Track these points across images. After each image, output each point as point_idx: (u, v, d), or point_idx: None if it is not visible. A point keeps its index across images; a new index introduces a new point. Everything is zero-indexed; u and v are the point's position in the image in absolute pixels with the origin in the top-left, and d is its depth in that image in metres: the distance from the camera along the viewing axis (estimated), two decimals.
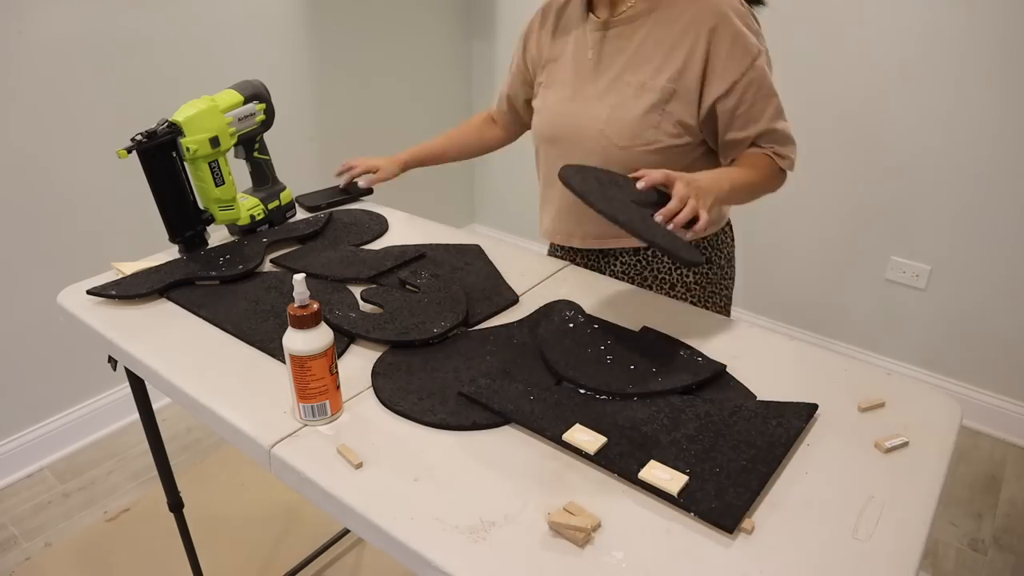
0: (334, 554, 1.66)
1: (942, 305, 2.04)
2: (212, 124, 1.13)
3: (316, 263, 1.15)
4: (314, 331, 0.77)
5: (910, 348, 2.15)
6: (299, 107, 2.25)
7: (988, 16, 1.73)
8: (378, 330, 0.95)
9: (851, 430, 0.80)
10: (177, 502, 1.31)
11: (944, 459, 0.76)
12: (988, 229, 1.89)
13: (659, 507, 0.69)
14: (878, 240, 2.08)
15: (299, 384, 0.78)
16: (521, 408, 0.81)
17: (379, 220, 1.33)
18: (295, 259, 1.17)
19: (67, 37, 1.68)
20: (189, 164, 1.13)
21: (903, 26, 1.84)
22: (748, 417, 0.79)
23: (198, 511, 1.75)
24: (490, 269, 1.15)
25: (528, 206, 2.90)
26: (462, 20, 2.72)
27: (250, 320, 1.00)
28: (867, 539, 0.65)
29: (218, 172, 1.15)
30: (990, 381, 2.03)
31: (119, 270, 1.13)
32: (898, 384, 0.88)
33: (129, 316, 1.02)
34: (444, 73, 2.72)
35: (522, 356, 0.92)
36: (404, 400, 0.83)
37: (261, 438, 0.79)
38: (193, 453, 1.96)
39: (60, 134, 1.73)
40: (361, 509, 0.69)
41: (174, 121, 1.09)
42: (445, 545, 0.65)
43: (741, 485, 0.70)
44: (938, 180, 1.92)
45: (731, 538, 0.66)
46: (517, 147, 1.54)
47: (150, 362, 0.92)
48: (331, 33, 2.27)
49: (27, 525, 1.73)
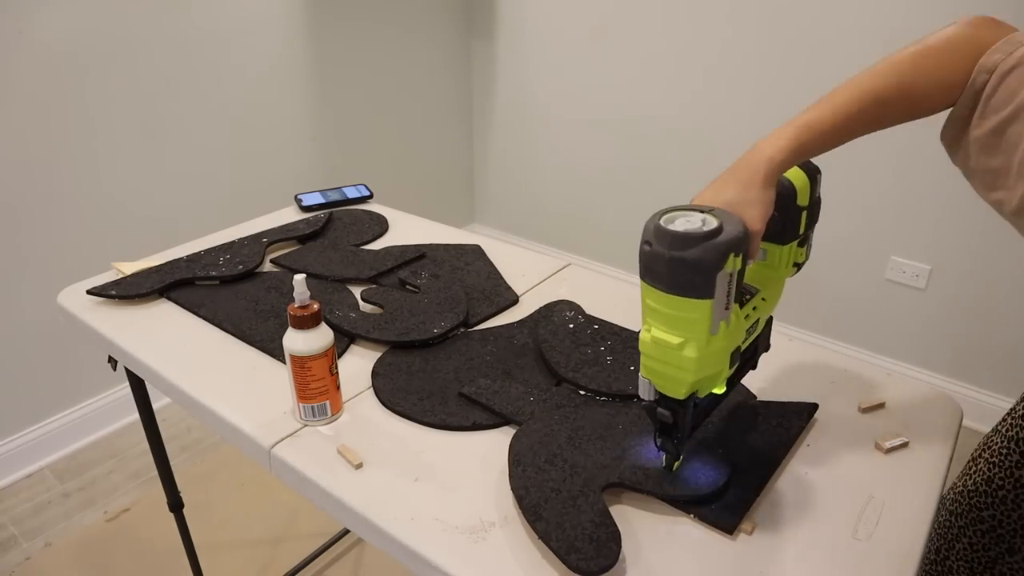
0: (334, 554, 1.66)
1: (942, 305, 2.04)
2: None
3: (316, 263, 1.15)
4: (314, 331, 0.77)
5: (910, 348, 2.14)
6: (299, 107, 2.25)
7: None
8: (378, 330, 0.95)
9: (851, 430, 0.80)
10: (177, 502, 1.31)
11: (944, 459, 0.76)
12: (988, 229, 1.89)
13: (659, 507, 0.69)
14: (878, 240, 2.08)
15: (299, 384, 0.78)
16: (521, 408, 0.81)
17: (379, 220, 1.33)
18: (295, 259, 1.17)
19: (67, 37, 1.68)
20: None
21: (903, 25, 1.84)
22: (748, 417, 0.79)
23: (198, 511, 1.75)
24: (490, 269, 1.15)
25: (528, 206, 2.90)
26: (462, 20, 2.72)
27: (250, 320, 1.00)
28: (867, 539, 0.65)
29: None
30: (990, 381, 2.03)
31: (119, 270, 1.13)
32: (898, 384, 0.87)
33: (129, 316, 1.02)
34: (444, 73, 2.72)
35: (522, 357, 0.92)
36: (404, 400, 0.83)
37: (261, 438, 0.79)
38: (193, 453, 1.96)
39: (60, 134, 1.73)
40: (361, 509, 0.69)
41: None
42: (445, 545, 0.65)
43: (741, 485, 0.70)
44: (938, 180, 1.92)
45: (731, 538, 0.66)
46: (517, 147, 1.54)
47: (150, 362, 0.92)
48: (331, 33, 2.26)
49: (27, 525, 1.73)
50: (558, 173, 2.73)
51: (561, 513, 0.65)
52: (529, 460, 0.72)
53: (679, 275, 0.58)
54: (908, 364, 2.16)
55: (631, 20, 2.31)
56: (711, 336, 0.61)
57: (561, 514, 0.65)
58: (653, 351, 0.63)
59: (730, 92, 2.19)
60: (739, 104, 2.18)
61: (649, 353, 0.63)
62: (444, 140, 2.84)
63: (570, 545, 0.62)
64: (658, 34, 2.27)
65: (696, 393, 0.66)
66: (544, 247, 2.90)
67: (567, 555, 0.61)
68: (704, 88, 2.24)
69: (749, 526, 0.66)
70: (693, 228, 0.58)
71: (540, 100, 2.66)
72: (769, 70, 2.09)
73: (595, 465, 0.71)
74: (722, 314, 0.61)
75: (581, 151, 2.62)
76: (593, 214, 2.70)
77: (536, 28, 2.57)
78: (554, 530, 0.63)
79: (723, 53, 2.16)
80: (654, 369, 0.64)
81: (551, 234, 2.88)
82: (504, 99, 2.77)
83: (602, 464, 0.71)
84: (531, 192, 2.86)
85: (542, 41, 2.57)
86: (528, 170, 2.82)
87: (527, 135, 2.76)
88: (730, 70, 2.17)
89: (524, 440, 0.75)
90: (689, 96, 2.28)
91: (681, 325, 0.60)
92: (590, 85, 2.50)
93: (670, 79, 2.30)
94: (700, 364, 0.61)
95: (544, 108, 2.66)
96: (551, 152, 2.71)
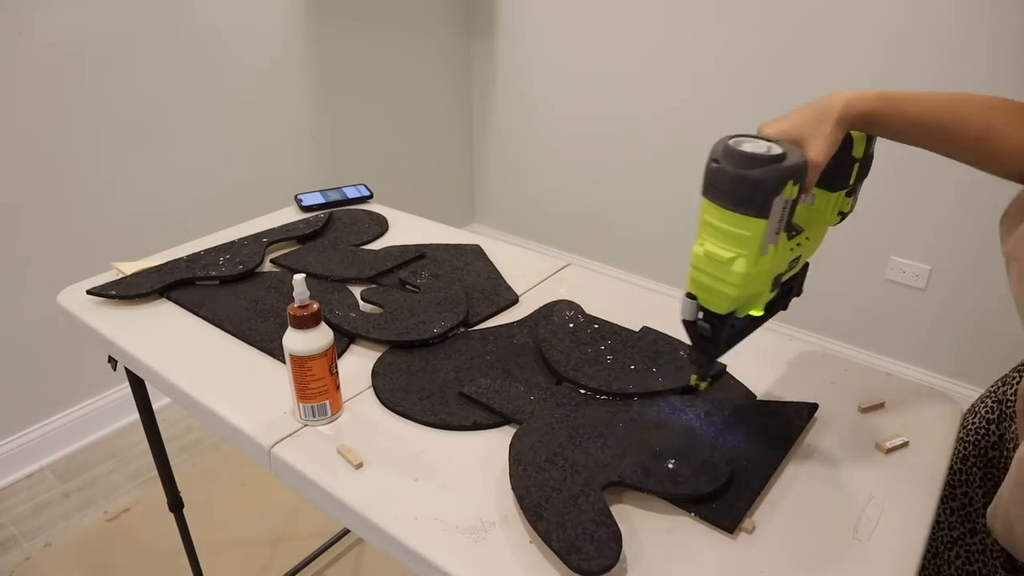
0: (334, 554, 1.66)
1: (942, 305, 2.04)
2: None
3: (316, 263, 1.15)
4: (314, 331, 0.77)
5: (910, 348, 2.14)
6: (299, 107, 2.25)
7: (986, 16, 1.73)
8: (378, 330, 0.95)
9: (851, 430, 0.80)
10: (177, 502, 1.31)
11: (944, 459, 0.76)
12: (988, 229, 1.89)
13: (659, 507, 0.69)
14: (878, 240, 2.08)
15: (299, 384, 0.78)
16: (521, 408, 0.81)
17: (379, 220, 1.33)
18: (295, 259, 1.17)
19: (68, 37, 1.68)
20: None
21: (902, 25, 1.84)
22: (748, 417, 0.79)
23: (198, 511, 1.75)
24: (490, 269, 1.15)
25: (528, 206, 2.90)
26: (462, 20, 2.72)
27: (250, 320, 1.00)
28: (867, 539, 0.65)
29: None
30: (990, 381, 2.02)
31: (119, 270, 1.12)
32: (898, 384, 0.88)
33: (129, 316, 1.02)
34: (444, 73, 2.72)
35: (522, 356, 0.92)
36: (404, 400, 0.83)
37: (261, 438, 0.79)
38: (193, 453, 1.96)
39: (60, 134, 1.73)
40: (361, 509, 0.69)
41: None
42: (445, 545, 0.65)
43: (741, 485, 0.70)
44: (938, 180, 1.92)
45: (731, 538, 0.66)
46: (517, 147, 1.54)
47: (150, 362, 0.92)
48: (331, 33, 2.26)
49: (27, 525, 1.73)
50: (558, 173, 2.73)
51: (562, 512, 0.65)
52: (529, 459, 0.72)
53: (741, 192, 0.61)
54: (908, 364, 2.16)
55: (631, 20, 2.32)
56: (760, 256, 0.64)
57: (562, 513, 0.65)
58: (704, 264, 0.65)
59: (730, 92, 2.20)
60: (739, 104, 2.18)
61: (700, 267, 0.66)
62: (444, 140, 2.84)
63: (571, 545, 0.62)
64: (658, 34, 2.27)
65: (735, 313, 0.69)
66: (544, 247, 2.90)
67: (568, 555, 0.61)
68: (704, 88, 2.24)
69: (749, 525, 0.66)
70: (759, 151, 0.62)
71: (540, 100, 2.66)
72: (769, 70, 2.09)
73: (596, 464, 0.71)
74: (772, 238, 0.64)
75: (581, 151, 2.62)
76: (593, 214, 2.70)
77: (536, 28, 2.57)
78: (555, 530, 0.63)
79: (723, 54, 2.16)
80: (701, 283, 0.67)
81: (551, 234, 2.88)
82: (504, 99, 2.77)
83: (603, 463, 0.71)
84: (531, 192, 2.86)
85: (542, 41, 2.57)
86: (528, 170, 2.83)
87: (527, 135, 2.76)
88: (730, 71, 2.17)
89: (524, 439, 0.75)
90: (689, 96, 2.28)
91: (735, 241, 0.63)
92: (590, 85, 2.50)
93: (670, 79, 2.30)
94: (746, 280, 0.64)
95: (544, 108, 2.66)
96: (551, 152, 2.71)
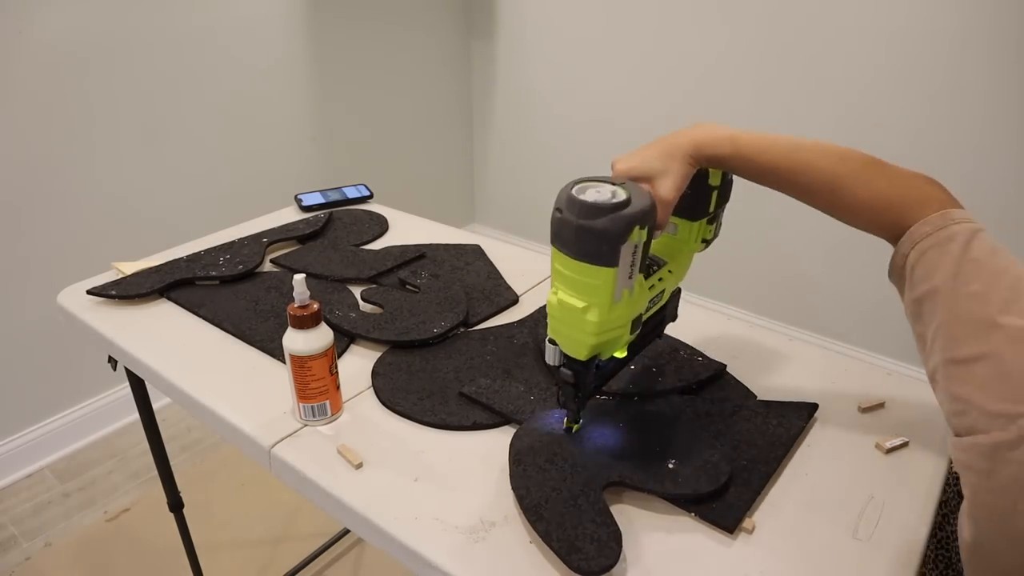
0: (334, 554, 1.66)
1: None
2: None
3: (316, 263, 1.15)
4: (314, 331, 0.77)
5: (910, 348, 2.14)
6: (299, 107, 2.25)
7: (985, 16, 1.73)
8: (378, 330, 0.95)
9: (851, 430, 0.80)
10: (177, 502, 1.31)
11: (944, 459, 0.76)
12: (988, 229, 1.89)
13: (659, 507, 0.69)
14: (878, 240, 2.08)
15: (299, 384, 0.78)
16: (521, 408, 0.81)
17: (379, 220, 1.33)
18: (295, 259, 1.17)
19: (68, 37, 1.68)
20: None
21: (902, 25, 1.84)
22: (748, 417, 0.79)
23: (198, 511, 1.75)
24: (490, 269, 1.15)
25: (528, 206, 2.90)
26: (462, 20, 2.72)
27: (250, 320, 1.00)
28: (867, 539, 0.65)
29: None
30: None
31: (119, 270, 1.13)
32: (898, 384, 0.88)
33: (129, 316, 1.02)
34: (444, 73, 2.72)
35: (522, 356, 0.92)
36: (404, 400, 0.83)
37: (261, 438, 0.79)
38: (193, 453, 1.96)
39: (60, 134, 1.73)
40: (361, 509, 0.69)
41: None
42: (445, 545, 0.65)
43: (741, 485, 0.70)
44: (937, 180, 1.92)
45: (731, 538, 0.66)
46: (517, 147, 1.54)
47: (150, 362, 0.92)
48: (331, 33, 2.26)
49: (27, 525, 1.73)
50: (558, 173, 2.72)
51: (562, 512, 0.65)
52: (529, 459, 0.72)
53: (585, 243, 0.61)
54: (908, 364, 2.16)
55: (631, 20, 2.32)
56: (614, 303, 0.64)
57: (562, 513, 0.65)
58: (559, 313, 0.66)
59: (730, 93, 2.19)
60: (739, 105, 2.18)
61: (555, 315, 0.66)
62: (444, 140, 2.84)
63: (571, 545, 0.62)
64: (658, 34, 2.27)
65: (598, 356, 0.69)
66: (544, 247, 2.90)
67: (568, 555, 0.61)
68: (703, 89, 2.24)
69: (750, 525, 0.66)
70: (602, 199, 0.61)
71: (540, 100, 2.66)
72: (770, 70, 2.09)
73: (596, 464, 0.71)
74: (626, 283, 0.64)
75: (581, 151, 2.62)
76: None
77: (536, 28, 2.57)
78: (555, 530, 0.63)
79: (723, 54, 2.16)
80: (559, 330, 0.67)
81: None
82: (504, 99, 2.77)
83: (603, 463, 0.71)
84: (531, 192, 2.86)
85: (542, 41, 2.57)
86: (528, 170, 2.82)
87: (527, 135, 2.76)
88: (730, 71, 2.17)
89: (524, 439, 0.75)
90: (689, 96, 2.28)
91: (586, 290, 0.63)
92: (590, 85, 2.50)
93: (670, 79, 2.30)
94: (601, 328, 0.64)
95: (544, 108, 2.66)
96: (551, 152, 2.71)
